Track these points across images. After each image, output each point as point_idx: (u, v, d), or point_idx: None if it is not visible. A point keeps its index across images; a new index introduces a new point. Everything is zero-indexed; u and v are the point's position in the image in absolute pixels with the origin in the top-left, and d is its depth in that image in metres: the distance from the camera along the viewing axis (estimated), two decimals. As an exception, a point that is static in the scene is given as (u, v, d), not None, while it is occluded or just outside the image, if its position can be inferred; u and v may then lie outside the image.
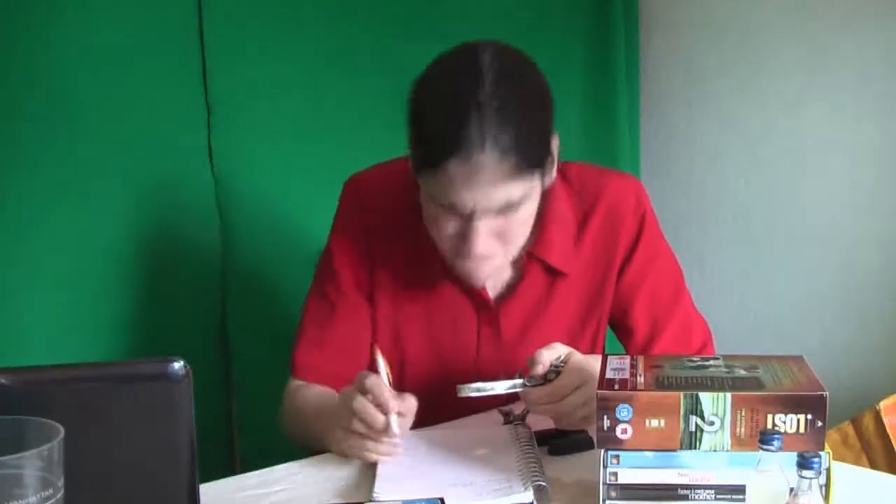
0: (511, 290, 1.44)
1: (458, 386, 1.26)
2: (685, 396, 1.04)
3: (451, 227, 1.29)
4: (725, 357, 1.16)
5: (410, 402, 1.24)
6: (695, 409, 1.04)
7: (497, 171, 1.22)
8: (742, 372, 1.10)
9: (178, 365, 0.88)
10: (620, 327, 1.52)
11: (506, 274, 1.43)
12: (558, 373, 1.30)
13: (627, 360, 1.16)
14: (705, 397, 1.04)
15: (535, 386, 1.29)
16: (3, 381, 0.84)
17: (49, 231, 1.64)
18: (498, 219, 1.27)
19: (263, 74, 1.90)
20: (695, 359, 1.16)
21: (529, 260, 1.42)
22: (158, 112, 1.76)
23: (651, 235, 1.48)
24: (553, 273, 1.44)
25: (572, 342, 1.35)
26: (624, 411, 1.05)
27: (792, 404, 1.02)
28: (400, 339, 1.46)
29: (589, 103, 2.41)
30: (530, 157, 1.25)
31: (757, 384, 1.06)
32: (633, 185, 1.49)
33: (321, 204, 1.59)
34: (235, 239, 1.89)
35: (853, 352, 2.12)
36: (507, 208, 1.26)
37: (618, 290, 1.47)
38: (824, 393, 1.02)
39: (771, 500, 0.95)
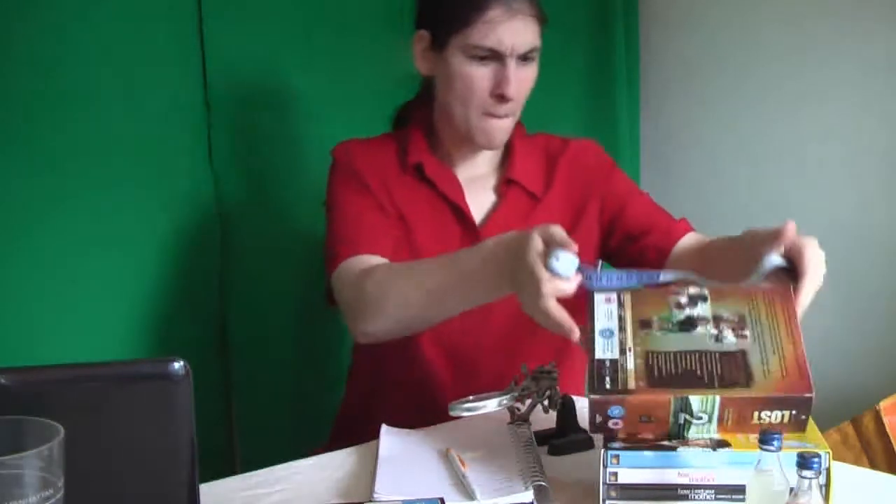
0: (491, 212, 1.58)
1: (451, 404, 1.28)
2: (675, 400, 1.05)
3: (484, 78, 1.47)
4: (713, 301, 1.13)
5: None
6: (684, 408, 1.05)
7: (529, 12, 1.47)
8: (730, 338, 1.10)
9: (178, 365, 0.88)
10: (629, 237, 1.59)
11: (487, 199, 1.59)
12: (553, 378, 1.31)
13: (615, 306, 1.14)
14: (695, 400, 1.05)
15: (522, 396, 1.30)
16: (3, 381, 0.84)
17: (48, 231, 1.64)
18: (520, 68, 1.47)
19: (263, 74, 1.90)
20: (682, 301, 1.14)
21: (507, 185, 1.58)
22: (158, 112, 1.76)
23: (615, 165, 1.67)
24: (530, 197, 1.59)
25: None
26: (616, 410, 1.06)
27: (779, 404, 1.04)
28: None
29: (589, 103, 2.41)
30: (543, 11, 1.50)
31: (744, 369, 1.06)
32: (593, 141, 1.69)
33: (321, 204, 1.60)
34: (235, 238, 1.89)
35: (853, 352, 2.12)
36: (529, 56, 1.48)
37: (616, 208, 1.60)
38: (811, 395, 1.03)
39: (771, 500, 0.95)
